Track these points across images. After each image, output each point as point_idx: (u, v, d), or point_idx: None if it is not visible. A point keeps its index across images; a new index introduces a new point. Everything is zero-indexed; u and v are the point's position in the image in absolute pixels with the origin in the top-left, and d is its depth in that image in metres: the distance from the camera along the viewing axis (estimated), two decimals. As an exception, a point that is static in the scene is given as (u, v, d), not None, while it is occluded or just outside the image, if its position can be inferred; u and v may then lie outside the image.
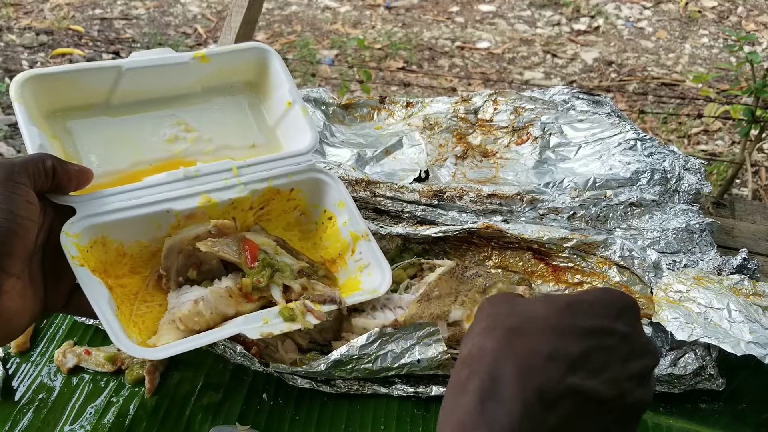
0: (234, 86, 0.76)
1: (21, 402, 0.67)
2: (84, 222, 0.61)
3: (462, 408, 0.38)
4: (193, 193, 0.66)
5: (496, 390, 0.38)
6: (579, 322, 0.40)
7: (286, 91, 0.74)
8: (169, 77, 0.71)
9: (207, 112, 0.74)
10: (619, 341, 0.41)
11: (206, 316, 0.62)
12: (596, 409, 0.39)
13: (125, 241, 0.65)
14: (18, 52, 2.72)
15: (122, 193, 0.64)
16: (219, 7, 3.16)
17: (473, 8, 3.19)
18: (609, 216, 0.84)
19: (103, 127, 0.69)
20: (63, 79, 0.66)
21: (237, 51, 0.74)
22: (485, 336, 0.41)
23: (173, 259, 0.65)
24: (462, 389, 0.39)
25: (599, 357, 0.40)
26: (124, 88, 0.69)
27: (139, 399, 0.68)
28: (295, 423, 0.66)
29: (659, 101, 2.52)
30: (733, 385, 0.70)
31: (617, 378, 0.40)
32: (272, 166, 0.71)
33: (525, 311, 0.41)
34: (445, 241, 0.81)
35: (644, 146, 0.90)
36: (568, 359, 0.39)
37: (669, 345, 0.69)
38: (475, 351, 0.40)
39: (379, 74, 2.63)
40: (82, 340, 0.74)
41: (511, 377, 0.38)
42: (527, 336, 0.40)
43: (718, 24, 3.04)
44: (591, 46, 2.90)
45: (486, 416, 0.37)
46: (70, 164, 0.59)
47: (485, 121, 1.00)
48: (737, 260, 0.77)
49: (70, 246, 0.58)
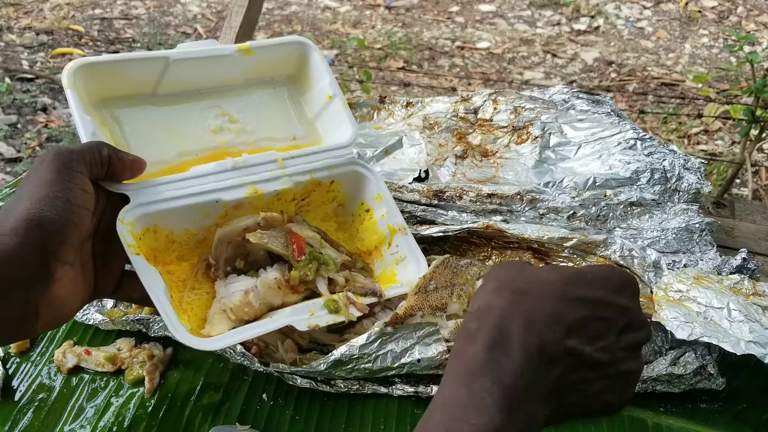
0: (275, 79, 0.77)
1: (21, 402, 0.67)
2: (138, 210, 0.61)
3: (470, 355, 0.42)
4: (241, 183, 0.67)
5: (503, 341, 0.41)
6: (581, 291, 0.43)
7: (327, 84, 0.75)
8: (213, 69, 0.72)
9: (249, 104, 0.75)
10: (618, 314, 0.44)
11: (255, 306, 0.63)
12: (591, 373, 0.43)
13: (175, 229, 0.66)
14: (18, 52, 2.72)
15: (173, 182, 0.65)
16: (219, 7, 3.16)
17: (473, 8, 3.19)
18: (609, 215, 0.84)
19: (149, 117, 0.70)
20: (112, 68, 0.67)
21: (279, 44, 0.75)
22: (494, 295, 0.44)
23: (223, 249, 0.67)
24: (471, 339, 0.42)
25: (597, 326, 0.43)
26: (171, 79, 0.70)
27: (139, 399, 0.68)
28: (295, 423, 0.66)
29: (659, 101, 2.52)
30: (733, 384, 0.70)
31: (612, 347, 0.43)
32: (315, 158, 0.72)
33: (532, 276, 0.45)
34: (445, 240, 0.81)
35: (644, 146, 0.90)
36: (567, 323, 0.42)
37: (669, 344, 0.69)
38: (483, 307, 0.44)
39: (379, 74, 2.63)
40: (82, 340, 0.74)
41: (517, 331, 0.41)
42: (532, 297, 0.43)
43: (718, 24, 3.04)
44: (591, 46, 2.90)
45: (493, 362, 0.41)
46: (124, 153, 0.60)
47: (485, 120, 1.00)
48: (737, 260, 0.77)
49: (126, 234, 0.59)
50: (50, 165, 0.54)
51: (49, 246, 0.52)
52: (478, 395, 0.40)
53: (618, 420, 0.68)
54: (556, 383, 0.42)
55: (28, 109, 2.38)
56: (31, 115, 2.36)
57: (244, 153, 0.70)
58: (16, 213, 0.51)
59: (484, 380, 0.40)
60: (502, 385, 0.40)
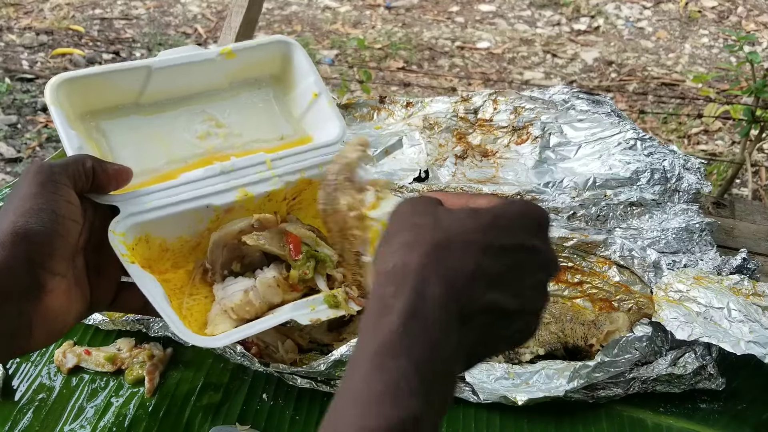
0: (260, 80, 0.77)
1: (21, 402, 0.67)
2: (128, 220, 0.61)
3: (385, 328, 0.37)
4: (231, 187, 0.67)
5: (422, 308, 0.37)
6: (501, 240, 0.40)
7: (312, 83, 0.75)
8: (197, 74, 0.72)
9: (235, 107, 0.75)
10: (532, 257, 0.41)
11: (256, 305, 0.63)
12: (504, 321, 0.40)
13: (168, 237, 0.66)
14: (18, 52, 2.72)
15: (162, 190, 0.65)
16: (219, 7, 3.16)
17: (473, 8, 3.19)
18: (609, 215, 0.84)
19: (135, 127, 0.70)
20: (95, 81, 0.67)
21: (261, 45, 0.75)
22: (410, 251, 0.39)
23: (219, 252, 0.67)
24: (386, 309, 0.37)
25: (514, 273, 0.40)
26: (154, 87, 0.70)
27: (139, 399, 0.68)
28: (295, 423, 0.66)
29: (659, 101, 2.52)
30: (732, 384, 0.70)
31: (523, 290, 0.40)
32: (304, 157, 0.71)
33: (450, 226, 0.40)
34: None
35: (644, 146, 0.90)
36: (489, 277, 0.39)
37: (669, 344, 0.69)
38: (400, 266, 0.39)
39: (379, 74, 2.63)
40: (82, 340, 0.74)
41: (438, 294, 0.37)
42: (453, 253, 0.39)
43: (718, 24, 3.05)
44: (591, 46, 2.90)
45: (410, 336, 0.36)
46: (109, 164, 0.60)
47: (485, 120, 1.00)
48: (737, 260, 0.77)
49: (118, 245, 0.59)
50: (33, 179, 0.54)
51: (37, 258, 0.52)
52: (393, 381, 0.35)
53: (618, 420, 0.68)
54: (474, 340, 0.39)
55: (28, 110, 2.38)
56: (31, 116, 2.36)
57: (233, 156, 0.70)
58: (2, 228, 0.51)
59: (400, 360, 0.35)
60: (419, 363, 0.35)
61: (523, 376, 0.67)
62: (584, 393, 0.68)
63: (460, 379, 0.68)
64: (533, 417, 0.67)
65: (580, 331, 0.72)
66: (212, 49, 0.73)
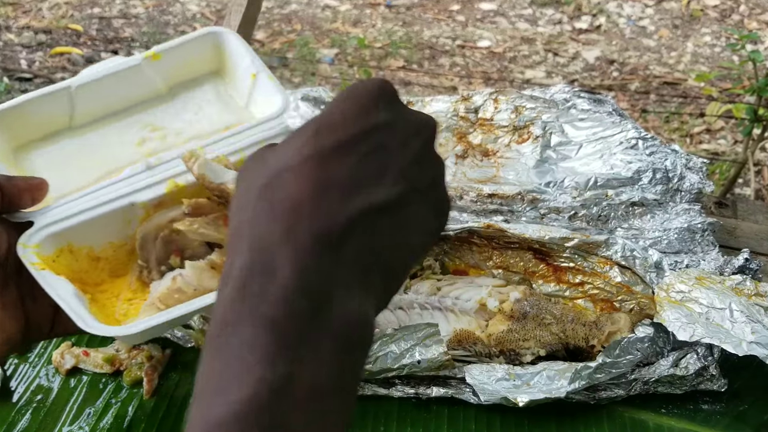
0: (200, 78, 0.74)
1: (19, 403, 0.67)
2: (44, 232, 0.59)
3: (222, 301, 0.31)
4: (159, 180, 0.64)
5: (263, 263, 0.31)
6: (334, 138, 0.33)
7: (249, 64, 0.70)
8: (128, 84, 0.69)
9: (175, 109, 0.72)
10: (388, 130, 0.34)
11: (189, 292, 0.58)
12: (393, 215, 0.33)
13: (94, 244, 0.62)
14: (16, 51, 2.72)
15: (81, 197, 0.61)
16: (218, 6, 3.16)
17: (474, 7, 3.18)
18: (610, 215, 0.83)
19: (69, 149, 0.68)
20: (14, 113, 0.65)
21: (189, 41, 0.71)
22: (243, 209, 0.34)
23: (150, 247, 0.63)
24: (225, 279, 0.32)
25: (373, 162, 0.33)
26: (84, 107, 0.68)
27: (138, 400, 0.67)
28: (295, 424, 0.66)
29: (661, 100, 2.51)
30: (735, 385, 0.69)
31: (398, 170, 0.34)
32: (242, 137, 0.67)
33: (275, 162, 0.34)
34: (445, 240, 0.81)
35: (646, 145, 0.90)
36: (340, 186, 0.32)
37: (671, 345, 0.68)
38: (233, 230, 0.33)
39: (379, 73, 2.63)
40: (80, 341, 0.73)
41: (279, 238, 0.31)
42: (282, 187, 0.32)
43: (721, 22, 3.04)
44: (592, 44, 2.89)
45: (252, 299, 0.30)
46: (18, 178, 0.57)
47: (486, 120, 1.00)
48: (739, 260, 0.77)
49: (30, 256, 0.56)
50: None
51: None
52: (236, 357, 0.29)
53: (619, 421, 0.68)
54: (354, 258, 0.32)
55: (28, 109, 2.38)
56: (31, 115, 2.36)
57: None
58: None
59: (242, 330, 0.30)
60: (273, 321, 0.30)
61: (524, 377, 0.67)
62: (585, 394, 0.67)
63: (460, 380, 0.68)
64: (534, 418, 0.67)
65: (581, 332, 0.71)
66: (136, 55, 0.70)
